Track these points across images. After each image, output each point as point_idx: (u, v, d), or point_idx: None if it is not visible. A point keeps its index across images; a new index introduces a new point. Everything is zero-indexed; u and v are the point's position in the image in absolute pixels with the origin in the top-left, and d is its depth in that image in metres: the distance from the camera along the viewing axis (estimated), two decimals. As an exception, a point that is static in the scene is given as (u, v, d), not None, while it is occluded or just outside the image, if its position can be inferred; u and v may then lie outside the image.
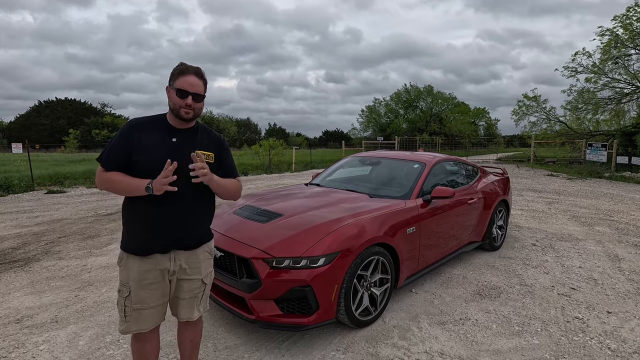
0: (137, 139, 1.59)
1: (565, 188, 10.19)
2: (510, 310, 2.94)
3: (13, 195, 8.77)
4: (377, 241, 2.63)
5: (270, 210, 2.88)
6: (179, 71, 1.60)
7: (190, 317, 1.76)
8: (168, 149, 1.60)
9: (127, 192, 1.57)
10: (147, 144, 1.59)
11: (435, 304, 3.04)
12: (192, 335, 1.86)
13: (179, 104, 1.59)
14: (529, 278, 3.59)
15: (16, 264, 3.95)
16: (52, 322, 2.71)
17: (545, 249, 4.54)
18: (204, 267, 1.75)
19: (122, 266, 1.65)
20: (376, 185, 3.56)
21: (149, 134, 1.61)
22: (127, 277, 1.63)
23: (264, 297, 2.35)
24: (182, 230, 1.65)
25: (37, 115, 50.21)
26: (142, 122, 1.65)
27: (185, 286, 1.71)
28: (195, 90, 1.59)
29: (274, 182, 11.56)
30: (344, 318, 2.51)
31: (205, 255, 1.76)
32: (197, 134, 1.71)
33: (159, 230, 1.61)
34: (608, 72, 17.37)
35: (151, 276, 1.62)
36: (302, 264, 2.32)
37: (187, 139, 1.66)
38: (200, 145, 1.68)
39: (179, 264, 1.66)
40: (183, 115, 1.60)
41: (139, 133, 1.60)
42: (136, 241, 1.62)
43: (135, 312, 1.63)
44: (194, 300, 1.75)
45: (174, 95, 1.59)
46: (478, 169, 4.54)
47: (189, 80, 1.59)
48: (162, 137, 1.62)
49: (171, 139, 1.63)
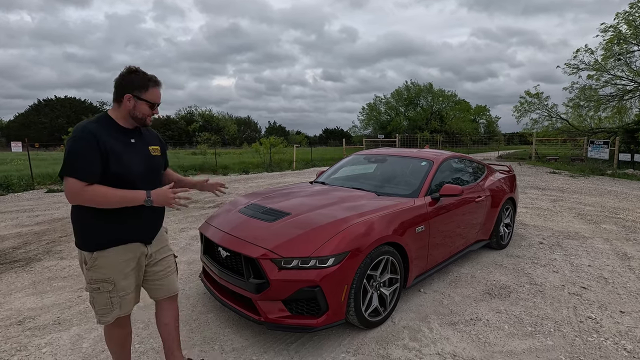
0: (105, 144, 1.56)
1: (569, 185, 10.13)
2: (521, 310, 2.88)
3: (13, 194, 8.70)
4: (386, 240, 2.57)
5: (276, 209, 2.82)
6: (154, 83, 1.68)
7: (175, 289, 1.95)
8: (132, 151, 1.67)
9: (120, 204, 1.59)
10: (114, 147, 1.59)
11: (444, 304, 2.98)
12: (174, 312, 1.98)
13: (147, 114, 1.69)
14: (539, 277, 3.54)
15: (17, 264, 3.89)
16: (55, 324, 2.66)
17: (553, 247, 4.49)
18: (168, 244, 1.95)
19: (97, 265, 1.63)
20: (383, 183, 3.50)
21: (109, 138, 1.60)
22: (108, 272, 1.65)
23: (272, 298, 2.30)
24: (159, 219, 1.84)
25: (36, 114, 50.08)
26: (97, 127, 1.59)
27: (164, 264, 1.87)
28: (160, 100, 1.73)
29: (276, 181, 11.49)
30: (354, 319, 2.45)
31: (165, 235, 1.95)
32: (142, 132, 1.80)
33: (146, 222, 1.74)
34: (610, 69, 17.28)
35: (132, 264, 1.71)
36: (310, 264, 2.26)
37: (139, 137, 1.76)
38: (149, 142, 1.81)
39: (154, 248, 1.82)
40: (147, 123, 1.73)
41: (103, 138, 1.57)
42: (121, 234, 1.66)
43: (121, 299, 1.71)
44: (173, 275, 1.93)
45: (145, 106, 1.67)
46: (485, 166, 4.48)
47: (158, 92, 1.71)
48: (120, 139, 1.65)
49: (129, 140, 1.69)
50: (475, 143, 35.51)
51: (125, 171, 1.61)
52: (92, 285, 1.66)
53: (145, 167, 1.71)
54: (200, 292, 3.19)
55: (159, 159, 1.83)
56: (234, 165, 15.59)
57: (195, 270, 3.70)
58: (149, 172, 1.73)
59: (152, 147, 1.79)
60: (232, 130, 50.15)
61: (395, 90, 40.18)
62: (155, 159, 1.80)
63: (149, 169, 1.73)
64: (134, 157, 1.66)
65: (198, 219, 6.04)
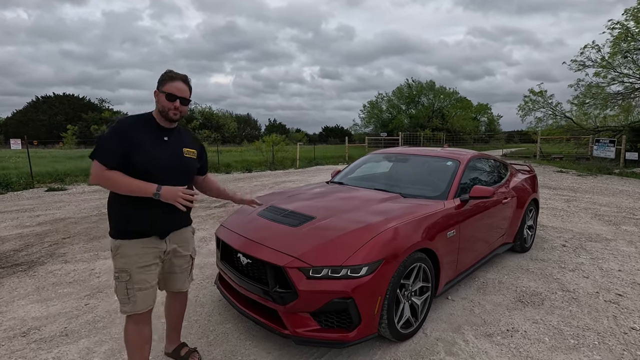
0: (134, 137, 1.69)
1: (579, 185, 9.97)
2: (559, 320, 2.71)
3: (12, 193, 8.49)
4: (420, 246, 2.39)
5: (300, 212, 2.63)
6: (169, 77, 1.76)
7: (184, 288, 2.06)
8: (162, 147, 1.77)
9: (130, 192, 1.67)
10: (144, 142, 1.70)
11: (476, 313, 2.81)
12: (182, 304, 2.14)
13: (167, 107, 1.75)
14: (569, 283, 3.37)
15: (19, 268, 3.70)
16: (62, 336, 2.47)
17: (577, 250, 4.32)
18: (191, 245, 2.04)
19: (119, 254, 1.74)
20: (407, 185, 3.32)
21: (143, 133, 1.73)
22: (127, 262, 1.74)
23: (300, 310, 2.12)
24: (177, 217, 1.86)
25: (34, 111, 49.66)
26: (134, 121, 1.76)
27: (178, 262, 1.96)
28: (182, 94, 1.78)
29: (280, 179, 11.30)
30: (386, 332, 2.27)
31: (190, 234, 2.04)
32: (180, 133, 1.90)
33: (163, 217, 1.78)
34: (617, 67, 17.09)
35: (149, 258, 1.77)
36: (342, 273, 2.07)
37: (175, 137, 1.85)
38: (186, 143, 1.90)
39: (172, 246, 1.88)
40: (172, 117, 1.77)
41: (138, 131, 1.72)
42: (138, 225, 1.73)
43: (138, 292, 1.76)
44: (185, 273, 2.02)
45: (164, 98, 1.74)
46: (507, 165, 4.30)
47: (177, 85, 1.76)
48: (154, 135, 1.76)
49: (163, 138, 1.79)
50: (476, 141, 35.36)
51: (149, 165, 1.70)
52: (115, 273, 1.77)
53: (175, 165, 1.80)
54: (215, 299, 3.01)
55: (192, 162, 1.92)
56: (237, 164, 15.38)
57: (208, 275, 3.52)
58: (177, 171, 1.81)
59: (187, 149, 1.88)
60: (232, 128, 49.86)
61: (397, 87, 39.96)
62: (188, 160, 1.88)
63: (178, 168, 1.82)
64: (162, 153, 1.76)
65: (205, 219, 5.85)
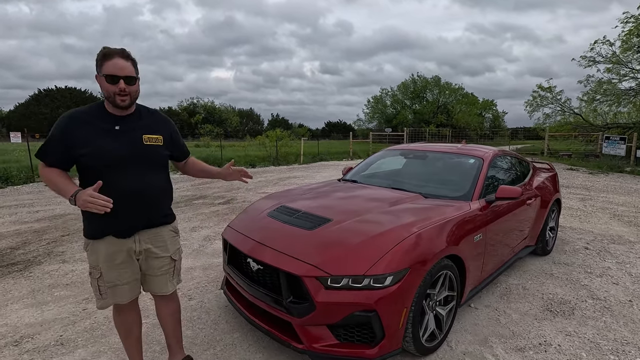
0: (77, 131, 1.53)
1: (592, 183, 9.71)
2: (593, 332, 2.50)
3: (12, 187, 8.33)
4: (447, 253, 2.18)
5: (314, 214, 2.42)
6: (102, 55, 1.51)
7: (164, 291, 1.82)
8: (111, 137, 1.56)
9: (57, 193, 1.55)
10: (90, 135, 1.54)
11: (502, 323, 2.60)
12: (170, 309, 1.91)
13: (112, 91, 1.52)
14: (599, 290, 3.15)
15: (15, 268, 3.52)
16: (57, 345, 2.28)
17: (601, 253, 4.09)
18: (170, 245, 1.80)
19: (90, 250, 1.66)
20: (427, 184, 3.09)
21: (89, 125, 1.55)
22: (97, 259, 1.65)
23: (317, 323, 1.91)
24: (143, 213, 1.66)
25: (36, 104, 49.53)
26: (80, 113, 1.58)
27: (155, 264, 1.75)
28: (125, 73, 1.52)
29: (285, 175, 11.09)
30: (410, 346, 2.07)
31: (170, 234, 1.80)
32: (140, 118, 1.67)
33: (121, 215, 1.58)
34: (629, 62, 16.67)
35: (119, 257, 1.64)
36: (364, 283, 1.87)
37: (130, 124, 1.62)
38: (146, 129, 1.66)
39: (144, 245, 1.69)
40: (119, 103, 1.55)
41: (79, 125, 1.54)
42: (99, 227, 1.60)
43: (110, 290, 1.67)
44: (165, 276, 1.80)
45: (105, 82, 1.52)
46: (529, 163, 4.07)
47: (115, 63, 1.51)
48: (103, 126, 1.57)
49: (114, 127, 1.59)
50: (481, 137, 34.97)
51: (94, 160, 1.53)
52: (89, 269, 1.69)
53: (131, 155, 1.59)
54: (221, 304, 2.82)
55: (157, 149, 1.69)
56: (240, 159, 15.17)
57: (212, 277, 3.32)
58: (136, 161, 1.61)
59: (148, 136, 1.66)
60: (235, 123, 49.58)
61: (402, 83, 39.51)
62: (150, 148, 1.66)
63: (136, 158, 1.61)
64: (110, 144, 1.55)
65: (209, 216, 5.66)
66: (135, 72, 1.58)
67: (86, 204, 1.43)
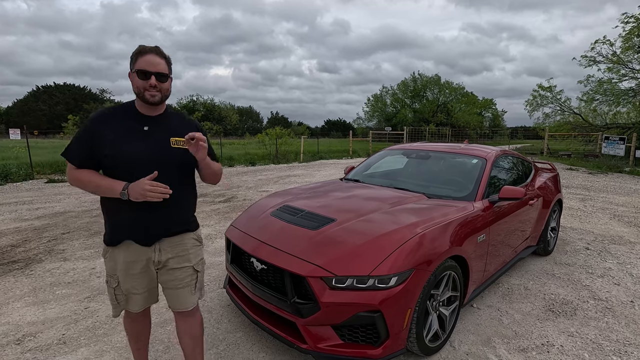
0: (103, 131, 1.48)
1: (591, 183, 9.73)
2: (596, 333, 2.51)
3: (12, 184, 8.30)
4: (452, 253, 2.18)
5: (318, 214, 2.41)
6: (137, 52, 1.50)
7: (186, 306, 1.70)
8: (139, 138, 1.52)
9: (99, 193, 1.51)
10: (116, 135, 1.49)
11: (505, 323, 2.61)
12: (189, 327, 1.75)
13: (142, 86, 1.48)
14: (600, 290, 3.16)
15: (16, 266, 3.51)
16: (59, 344, 2.28)
17: (602, 253, 4.10)
18: (193, 255, 1.70)
19: (108, 258, 1.62)
20: (430, 184, 3.09)
21: (116, 125, 1.51)
22: (114, 268, 1.61)
23: (321, 323, 1.91)
24: (165, 221, 1.59)
25: (35, 101, 49.35)
26: (107, 113, 1.55)
27: (176, 275, 1.65)
28: (157, 69, 1.49)
29: (285, 173, 11.08)
30: (414, 346, 2.07)
31: (192, 242, 1.71)
32: (169, 119, 1.62)
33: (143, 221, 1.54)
34: (629, 62, 16.67)
35: (138, 266, 1.59)
36: (369, 283, 1.87)
37: (159, 125, 1.57)
38: (174, 132, 1.59)
39: (165, 255, 1.61)
40: (148, 99, 1.50)
41: (105, 125, 1.50)
42: (119, 234, 1.56)
43: (125, 297, 1.64)
44: (186, 289, 1.69)
45: (136, 78, 1.48)
46: (531, 163, 4.07)
47: (148, 59, 1.49)
48: (131, 126, 1.53)
49: (142, 128, 1.54)
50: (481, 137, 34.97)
51: (119, 161, 1.48)
52: (106, 276, 1.66)
53: (157, 158, 1.52)
54: (223, 304, 2.81)
55: (184, 153, 1.59)
56: (239, 157, 15.15)
57: (214, 276, 3.32)
58: (162, 165, 1.52)
59: (176, 139, 1.58)
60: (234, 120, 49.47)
61: (402, 81, 39.45)
62: (177, 151, 1.58)
63: (163, 161, 1.53)
64: (137, 146, 1.50)
65: (209, 214, 5.65)
66: (169, 71, 1.55)
67: (147, 194, 1.42)
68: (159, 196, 1.43)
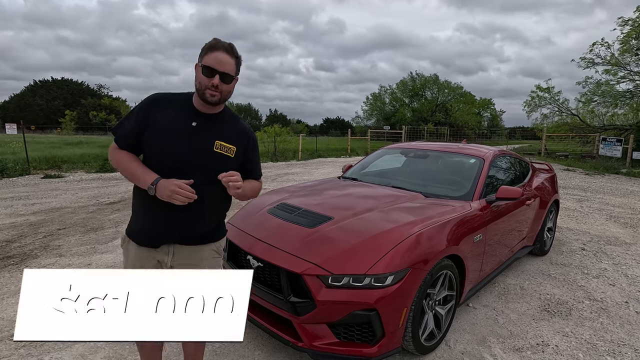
0: (155, 115, 1.42)
1: (588, 184, 9.77)
2: (590, 333, 2.52)
3: (8, 179, 8.25)
4: (448, 253, 2.18)
5: (315, 212, 2.41)
6: (209, 46, 1.40)
7: None
8: (185, 133, 1.42)
9: (134, 180, 1.43)
10: (164, 122, 1.42)
11: (500, 323, 2.62)
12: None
13: (204, 84, 1.38)
14: (595, 291, 3.17)
15: (11, 261, 3.49)
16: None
17: (598, 254, 4.12)
18: (208, 267, 1.55)
19: (124, 248, 1.56)
20: (427, 183, 3.09)
21: (168, 113, 1.44)
22: (126, 262, 1.55)
23: (317, 321, 1.91)
24: (188, 226, 1.48)
25: (32, 95, 49.05)
26: (164, 98, 1.48)
27: None
28: (224, 68, 1.39)
29: (283, 171, 11.07)
30: (409, 345, 2.07)
31: (211, 253, 1.59)
32: (221, 121, 1.51)
33: (164, 223, 1.45)
34: (627, 65, 16.74)
35: (148, 265, 1.49)
36: (365, 282, 1.86)
37: (208, 124, 1.47)
38: (223, 135, 1.49)
39: (177, 260, 1.51)
40: (208, 98, 1.40)
41: (159, 109, 1.43)
42: (139, 230, 1.50)
43: None
44: None
45: (200, 73, 1.39)
46: (528, 164, 4.08)
47: (218, 56, 1.38)
48: (181, 118, 1.44)
49: (191, 123, 1.44)
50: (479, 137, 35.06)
51: (157, 152, 1.41)
52: None
53: (195, 159, 1.42)
54: (219, 301, 2.80)
55: (224, 159, 1.47)
56: (238, 154, 15.11)
57: (211, 273, 3.31)
58: (197, 166, 1.42)
59: (221, 142, 1.47)
60: (233, 118, 49.32)
61: (401, 80, 39.48)
62: (218, 156, 1.46)
63: (199, 162, 1.43)
64: (178, 141, 1.40)
65: (207, 212, 5.63)
66: (236, 72, 1.44)
67: (173, 195, 1.31)
68: (183, 200, 1.32)
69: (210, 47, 1.39)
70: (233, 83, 1.45)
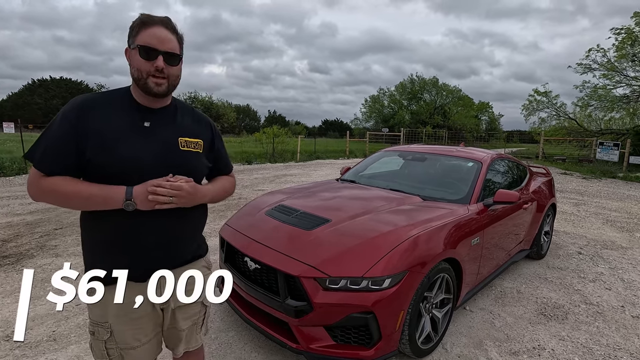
0: (87, 124, 1.07)
1: (585, 188, 9.82)
2: (586, 337, 2.53)
3: (4, 179, 8.21)
4: (446, 256, 2.19)
5: (313, 214, 2.41)
6: (140, 22, 1.10)
7: (195, 344, 1.38)
8: (140, 138, 1.12)
9: (86, 206, 1.11)
10: (104, 131, 1.08)
11: (497, 326, 2.62)
12: None
13: (145, 70, 1.08)
14: (592, 295, 3.18)
15: (7, 261, 3.47)
16: (50, 341, 2.25)
17: (594, 258, 4.14)
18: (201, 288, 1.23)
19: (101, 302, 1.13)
20: (425, 186, 3.10)
21: (105, 117, 1.10)
22: (104, 313, 1.15)
23: (314, 324, 1.91)
24: (169, 248, 1.19)
25: (30, 94, 48.88)
26: (92, 100, 1.13)
27: (182, 314, 1.28)
28: (166, 47, 1.09)
29: (281, 172, 11.07)
30: (406, 348, 2.07)
31: (203, 270, 1.32)
32: (176, 114, 1.23)
33: (137, 251, 1.14)
34: (623, 70, 16.88)
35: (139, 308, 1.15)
36: (362, 285, 1.87)
37: (163, 121, 1.18)
38: (184, 130, 1.22)
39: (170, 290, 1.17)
40: (152, 88, 1.10)
41: (93, 115, 1.09)
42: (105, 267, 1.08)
43: (122, 352, 1.19)
44: (193, 328, 1.34)
45: (137, 57, 1.08)
46: (526, 167, 4.09)
47: (155, 32, 1.08)
48: (129, 121, 1.13)
49: (142, 123, 1.14)
50: (477, 140, 35.21)
51: (112, 163, 1.07)
52: (89, 325, 1.20)
53: (160, 163, 1.13)
54: (216, 303, 2.80)
55: (194, 158, 1.22)
56: (236, 155, 15.10)
57: (208, 275, 3.30)
58: (165, 172, 1.12)
59: (185, 139, 1.20)
60: (232, 119, 49.33)
61: (400, 83, 39.60)
62: (186, 156, 1.20)
63: (167, 167, 1.14)
64: (137, 145, 1.11)
65: (205, 213, 5.62)
66: (180, 51, 1.15)
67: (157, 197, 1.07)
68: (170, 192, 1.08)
69: (142, 22, 1.09)
70: (179, 65, 1.17)
